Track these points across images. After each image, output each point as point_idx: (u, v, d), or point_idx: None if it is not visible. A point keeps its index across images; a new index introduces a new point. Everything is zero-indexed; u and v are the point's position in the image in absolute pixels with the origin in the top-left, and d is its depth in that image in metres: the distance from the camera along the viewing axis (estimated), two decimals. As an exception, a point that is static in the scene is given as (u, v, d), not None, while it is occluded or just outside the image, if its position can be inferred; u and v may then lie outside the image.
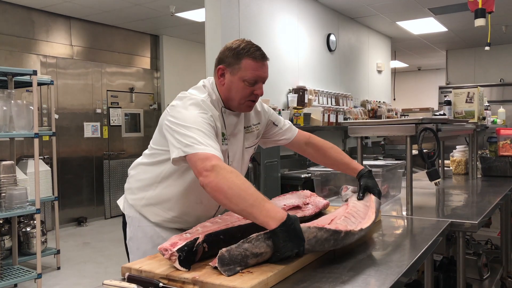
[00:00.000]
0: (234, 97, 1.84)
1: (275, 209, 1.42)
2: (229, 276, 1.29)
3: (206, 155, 1.54)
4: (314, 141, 2.20)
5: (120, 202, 2.11)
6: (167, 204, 1.93)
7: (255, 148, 2.08)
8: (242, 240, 1.24)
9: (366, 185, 2.00)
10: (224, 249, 1.23)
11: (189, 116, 1.70)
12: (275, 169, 4.86)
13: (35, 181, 4.43)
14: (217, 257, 1.24)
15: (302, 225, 1.41)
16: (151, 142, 1.99)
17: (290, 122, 2.24)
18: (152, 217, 1.97)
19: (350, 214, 1.75)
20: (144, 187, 1.98)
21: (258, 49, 1.82)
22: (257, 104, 2.07)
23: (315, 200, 2.14)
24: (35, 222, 4.63)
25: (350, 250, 1.63)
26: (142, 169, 2.00)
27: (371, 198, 1.94)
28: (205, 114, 1.73)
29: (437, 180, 2.39)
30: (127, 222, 2.04)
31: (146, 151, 2.02)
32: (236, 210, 1.46)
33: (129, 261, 1.99)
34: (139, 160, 2.06)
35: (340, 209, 1.87)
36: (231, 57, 1.80)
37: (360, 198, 1.97)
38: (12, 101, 4.30)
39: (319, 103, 6.36)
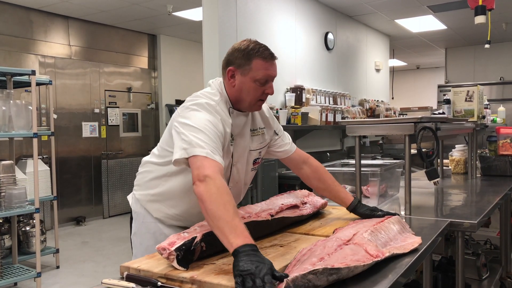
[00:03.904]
0: (246, 98, 1.84)
1: (244, 233, 1.37)
2: None
3: (203, 162, 1.57)
4: (311, 161, 2.17)
5: (129, 197, 2.17)
6: (170, 201, 1.99)
7: (260, 153, 2.07)
8: (308, 270, 1.22)
9: (371, 210, 1.97)
10: (290, 279, 1.20)
11: (198, 119, 1.71)
12: (272, 169, 4.86)
13: (34, 180, 4.43)
14: (283, 287, 1.20)
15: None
16: (160, 142, 2.02)
17: (290, 138, 2.22)
18: (155, 213, 2.03)
19: (377, 229, 1.64)
20: (150, 184, 2.03)
21: (267, 48, 1.83)
22: (265, 110, 2.08)
23: (313, 200, 2.14)
24: (34, 221, 4.64)
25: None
26: (150, 167, 2.05)
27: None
28: (214, 118, 1.75)
29: (436, 180, 2.39)
30: (133, 217, 2.11)
31: (154, 150, 2.06)
32: (210, 225, 1.46)
33: (132, 255, 2.06)
34: (147, 158, 2.10)
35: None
36: (241, 58, 1.81)
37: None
38: (11, 101, 4.30)
39: (316, 102, 6.36)
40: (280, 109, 5.57)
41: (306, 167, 2.15)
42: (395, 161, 3.12)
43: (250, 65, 1.80)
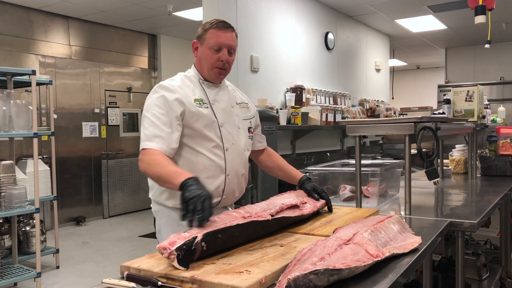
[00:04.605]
0: (204, 65, 2.15)
1: (183, 172, 1.74)
2: None
3: (145, 153, 1.97)
4: (268, 150, 2.52)
5: (152, 204, 2.32)
6: None
7: (251, 122, 2.34)
8: (310, 270, 1.24)
9: (314, 188, 2.18)
10: (291, 278, 1.22)
11: (148, 106, 2.08)
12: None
13: (35, 180, 4.43)
14: (285, 286, 1.22)
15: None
16: None
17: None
18: (169, 202, 2.14)
19: (377, 229, 1.64)
20: None
21: (222, 21, 2.13)
22: (244, 94, 2.43)
23: (313, 200, 2.14)
24: (34, 221, 4.64)
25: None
26: None
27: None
28: (160, 96, 2.05)
29: (436, 180, 2.39)
30: (155, 218, 2.26)
31: None
32: (161, 185, 1.94)
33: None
34: None
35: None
36: (200, 31, 2.15)
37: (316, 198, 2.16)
38: (11, 101, 4.31)
39: (317, 102, 6.36)
40: (280, 109, 5.56)
41: (263, 154, 2.50)
42: (395, 161, 3.12)
43: (205, 35, 2.11)
